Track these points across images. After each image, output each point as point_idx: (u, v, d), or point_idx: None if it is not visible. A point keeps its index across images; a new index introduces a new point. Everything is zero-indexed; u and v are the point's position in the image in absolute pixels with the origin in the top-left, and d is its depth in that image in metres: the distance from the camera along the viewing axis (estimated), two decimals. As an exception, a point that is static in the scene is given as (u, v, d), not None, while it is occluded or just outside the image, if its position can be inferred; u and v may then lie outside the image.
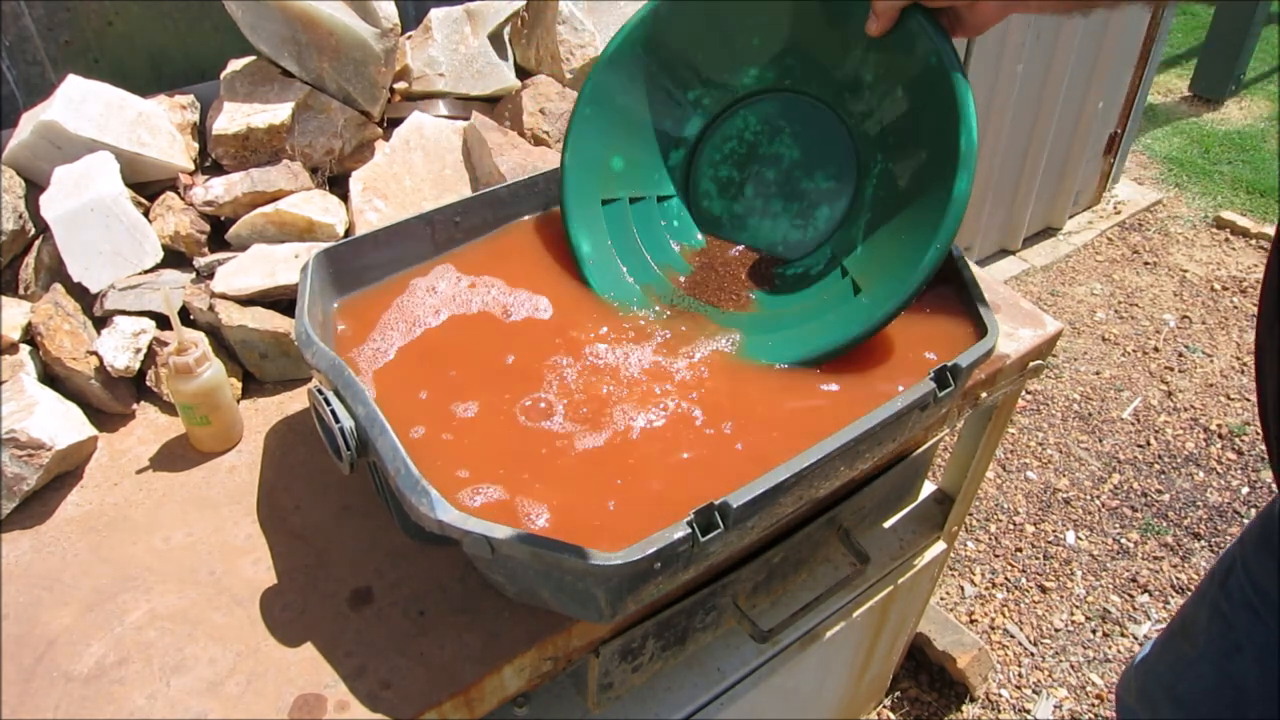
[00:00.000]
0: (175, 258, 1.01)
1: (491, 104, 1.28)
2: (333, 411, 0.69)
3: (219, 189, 1.02)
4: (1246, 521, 1.99)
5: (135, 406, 0.95)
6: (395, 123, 1.19)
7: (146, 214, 1.01)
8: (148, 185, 1.05)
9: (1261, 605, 0.88)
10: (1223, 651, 0.93)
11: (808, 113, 0.95)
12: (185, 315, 0.96)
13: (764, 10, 0.92)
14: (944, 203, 0.80)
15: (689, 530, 0.62)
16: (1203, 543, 1.97)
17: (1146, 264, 2.82)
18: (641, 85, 0.96)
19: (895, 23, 0.82)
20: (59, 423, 0.84)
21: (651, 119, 0.98)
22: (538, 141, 1.22)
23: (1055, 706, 1.69)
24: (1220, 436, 2.22)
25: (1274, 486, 2.04)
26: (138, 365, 0.92)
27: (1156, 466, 2.15)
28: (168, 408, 0.94)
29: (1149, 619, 1.83)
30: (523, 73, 1.31)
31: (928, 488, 1.30)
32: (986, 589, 1.89)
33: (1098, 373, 2.41)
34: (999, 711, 1.68)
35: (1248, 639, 0.90)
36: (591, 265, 0.95)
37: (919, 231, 0.83)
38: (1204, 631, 0.96)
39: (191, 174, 1.06)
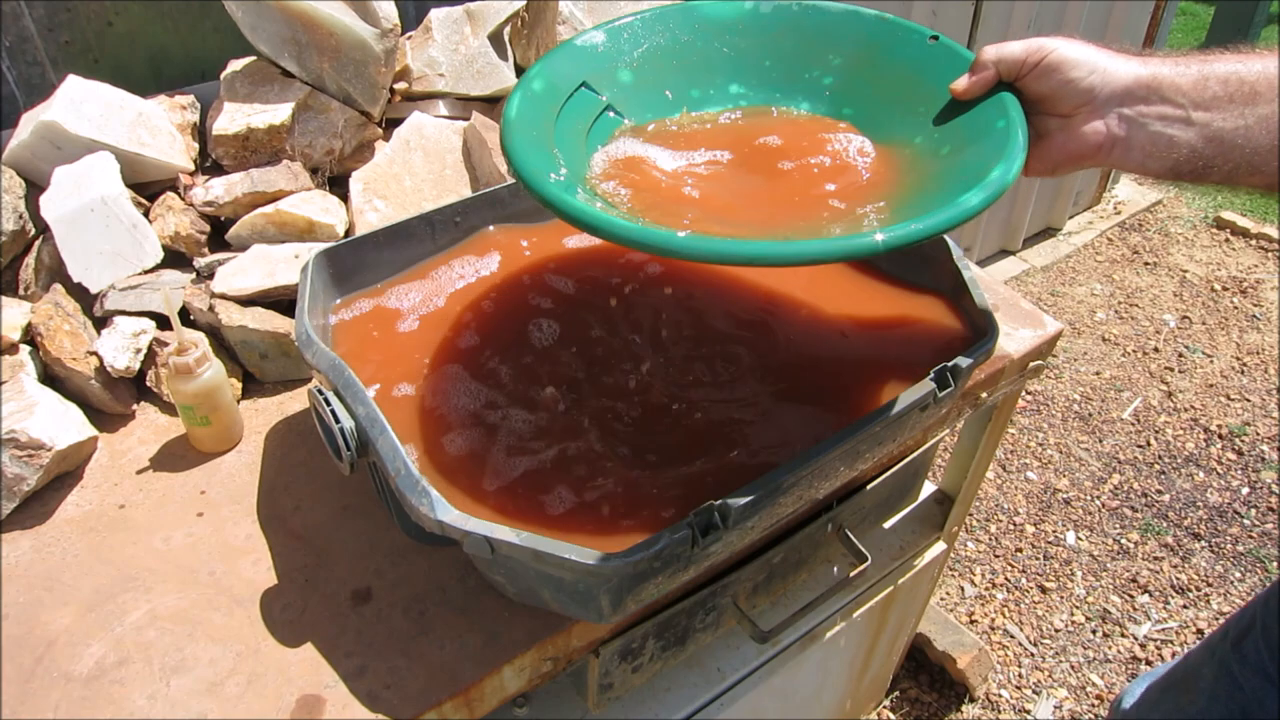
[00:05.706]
0: (175, 258, 1.01)
1: (491, 104, 1.28)
2: (333, 412, 0.69)
3: (219, 189, 1.02)
4: (1247, 522, 1.99)
5: (135, 407, 0.95)
6: (395, 123, 1.19)
7: (146, 214, 1.01)
8: (148, 185, 1.05)
9: (1278, 673, 0.85)
10: (1227, 713, 0.90)
11: None
12: (185, 315, 0.96)
13: (840, 49, 0.84)
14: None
15: (689, 531, 0.62)
16: (1203, 543, 1.97)
17: (1146, 264, 2.82)
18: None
19: (984, 92, 0.74)
20: (59, 423, 0.84)
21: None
22: (538, 142, 1.22)
23: (1055, 707, 1.69)
24: (1220, 437, 2.22)
25: (1275, 488, 2.03)
26: (138, 365, 0.92)
27: (1156, 467, 2.15)
28: (168, 408, 0.94)
29: (1149, 619, 1.83)
30: (523, 73, 1.31)
31: (928, 488, 1.30)
32: (986, 589, 1.89)
33: (1098, 373, 2.41)
34: (999, 712, 1.68)
35: (1257, 705, 0.87)
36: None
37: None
38: (1208, 688, 0.92)
39: (191, 174, 1.06)
